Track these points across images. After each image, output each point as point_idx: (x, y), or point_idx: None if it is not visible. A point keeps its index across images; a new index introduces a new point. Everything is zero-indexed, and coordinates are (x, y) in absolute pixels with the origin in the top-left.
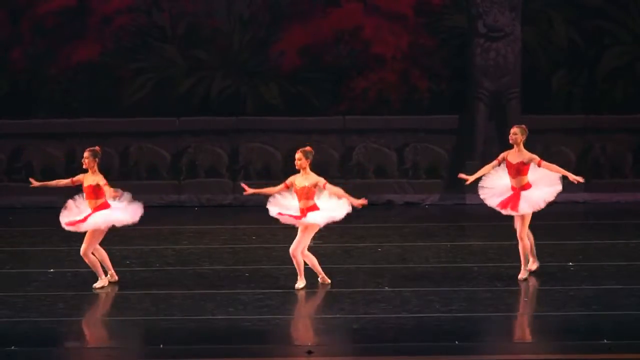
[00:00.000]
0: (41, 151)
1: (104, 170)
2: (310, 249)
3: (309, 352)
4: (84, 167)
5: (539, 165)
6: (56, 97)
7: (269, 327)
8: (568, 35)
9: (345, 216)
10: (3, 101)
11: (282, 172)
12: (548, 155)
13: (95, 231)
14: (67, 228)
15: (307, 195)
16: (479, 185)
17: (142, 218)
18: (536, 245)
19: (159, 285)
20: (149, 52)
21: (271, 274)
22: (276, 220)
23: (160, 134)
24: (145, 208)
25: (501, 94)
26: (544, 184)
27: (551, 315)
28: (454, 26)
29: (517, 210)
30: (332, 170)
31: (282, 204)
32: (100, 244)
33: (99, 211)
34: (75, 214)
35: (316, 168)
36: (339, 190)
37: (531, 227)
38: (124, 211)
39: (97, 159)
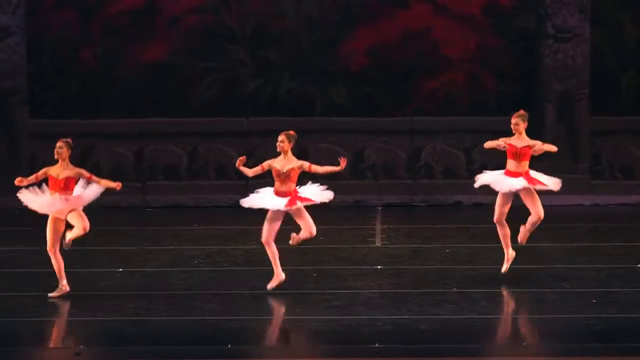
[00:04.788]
0: (110, 151)
1: (173, 168)
2: (376, 250)
3: (377, 353)
4: (55, 157)
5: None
6: (125, 97)
7: (337, 327)
8: (637, 36)
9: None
10: (73, 101)
11: (350, 172)
12: (617, 156)
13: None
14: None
15: (291, 178)
16: (480, 180)
17: (210, 218)
18: (607, 247)
19: (227, 285)
20: (217, 52)
21: (339, 274)
22: (344, 220)
23: (229, 134)
24: (214, 208)
25: (570, 95)
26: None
27: (619, 317)
28: (522, 27)
29: (545, 185)
30: (399, 171)
31: (262, 197)
32: None
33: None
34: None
35: (384, 168)
36: (324, 167)
37: (597, 227)
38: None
39: (70, 151)
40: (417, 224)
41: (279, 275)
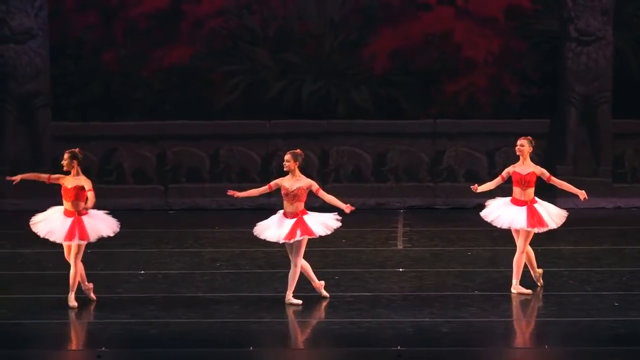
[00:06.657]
0: (133, 153)
1: (195, 171)
2: (398, 253)
3: (398, 356)
4: (64, 169)
5: (548, 180)
6: (148, 100)
7: (358, 330)
8: None
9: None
10: (95, 104)
11: (373, 175)
12: (639, 159)
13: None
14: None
15: (299, 197)
16: (484, 212)
17: (232, 220)
18: (629, 250)
19: (249, 287)
20: (240, 55)
21: (360, 277)
22: (366, 223)
23: (251, 137)
24: (236, 210)
25: (592, 98)
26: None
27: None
28: (545, 30)
29: (545, 226)
30: (421, 174)
31: (269, 226)
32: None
33: (86, 221)
34: (56, 224)
35: (406, 171)
36: (332, 198)
37: (619, 230)
38: (104, 221)
39: (75, 161)
40: (439, 227)
41: (316, 283)
